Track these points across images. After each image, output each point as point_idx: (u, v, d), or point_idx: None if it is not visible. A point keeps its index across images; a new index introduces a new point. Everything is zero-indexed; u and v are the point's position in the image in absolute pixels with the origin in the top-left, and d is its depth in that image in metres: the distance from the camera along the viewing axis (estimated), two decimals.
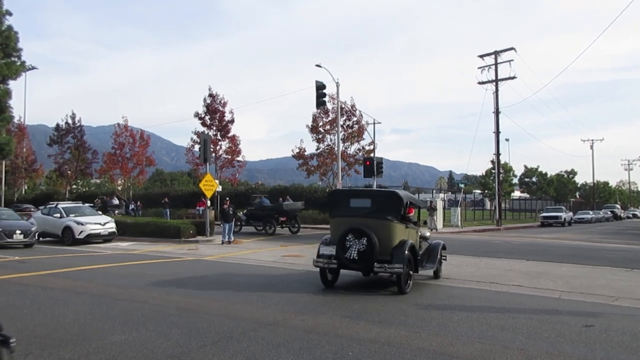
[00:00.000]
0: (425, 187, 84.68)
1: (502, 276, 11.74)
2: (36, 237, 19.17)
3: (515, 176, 66.10)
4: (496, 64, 37.86)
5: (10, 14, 32.76)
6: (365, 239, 9.50)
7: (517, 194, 73.60)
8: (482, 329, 6.76)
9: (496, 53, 37.87)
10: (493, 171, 45.39)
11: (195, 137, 39.23)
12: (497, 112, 37.80)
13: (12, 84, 32.62)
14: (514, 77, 37.27)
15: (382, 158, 31.86)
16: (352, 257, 9.53)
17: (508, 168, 56.50)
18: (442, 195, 43.62)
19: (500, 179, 41.28)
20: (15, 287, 9.67)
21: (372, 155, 34.29)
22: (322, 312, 7.69)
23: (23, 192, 52.76)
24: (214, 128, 39.44)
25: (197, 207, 34.21)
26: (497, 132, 38.14)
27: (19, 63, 32.88)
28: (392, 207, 10.08)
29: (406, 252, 9.53)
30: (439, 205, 32.79)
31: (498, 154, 38.90)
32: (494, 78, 37.92)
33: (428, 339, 6.22)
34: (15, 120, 41.21)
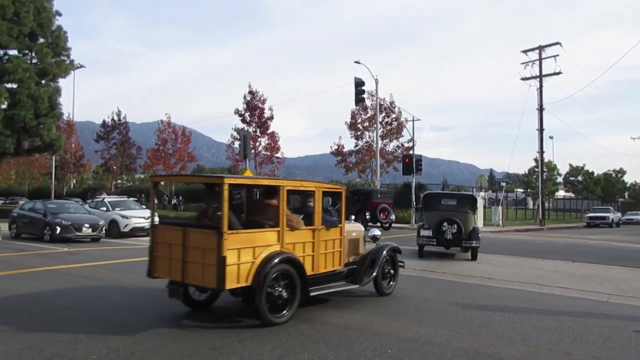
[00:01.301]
0: (465, 185, 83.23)
1: (546, 277, 11.44)
2: (103, 231, 19.37)
3: (560, 175, 64.13)
4: (540, 59, 36.80)
5: (60, 15, 34.00)
6: (456, 225, 14.17)
7: (561, 193, 71.41)
8: (525, 330, 6.60)
9: (540, 48, 36.80)
10: (536, 169, 44.18)
11: (235, 133, 39.84)
12: (541, 109, 36.76)
13: (61, 82, 33.89)
14: (559, 73, 36.16)
15: (421, 155, 31.48)
16: (448, 238, 14.21)
17: (552, 166, 54.89)
18: (482, 193, 42.80)
19: (544, 177, 40.17)
20: (65, 278, 10.07)
21: (411, 152, 33.95)
22: (359, 309, 7.68)
23: (72, 186, 54.79)
24: (254, 125, 39.94)
25: None
26: (541, 130, 37.11)
27: (68, 62, 34.12)
28: (471, 204, 15.46)
29: (478, 233, 14.52)
30: (480, 203, 32.16)
31: (542, 152, 37.84)
32: (538, 74, 36.88)
33: (468, 339, 6.13)
34: (65, 117, 42.82)
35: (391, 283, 8.88)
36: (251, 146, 31.48)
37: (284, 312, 6.68)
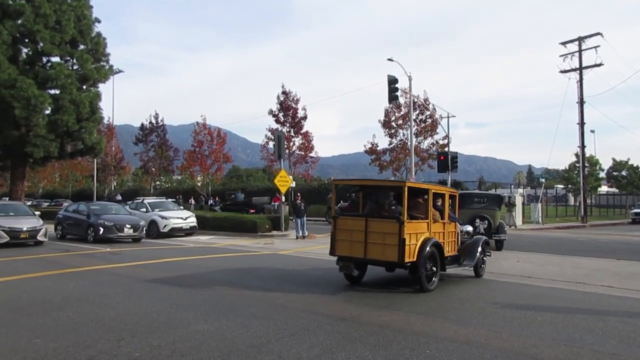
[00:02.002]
0: (503, 182, 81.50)
1: (589, 276, 11.10)
2: (144, 232, 19.81)
3: (602, 170, 61.89)
4: (580, 50, 35.69)
5: (99, 21, 35.01)
6: (486, 221, 16.52)
7: (604, 188, 69.01)
8: (569, 331, 6.43)
9: (580, 39, 35.69)
10: (577, 165, 42.88)
11: (269, 134, 40.18)
12: (581, 102, 35.67)
13: (101, 86, 34.91)
14: (600, 65, 34.99)
15: (456, 152, 31.01)
16: (480, 232, 15.17)
17: (594, 161, 53.08)
18: (521, 190, 41.89)
19: (585, 172, 38.95)
20: (108, 277, 10.37)
21: (446, 149, 33.49)
22: (397, 308, 7.63)
23: (112, 188, 56.37)
24: (287, 125, 40.18)
25: (272, 203, 35.02)
26: (582, 124, 36.01)
27: (107, 67, 35.09)
28: (497, 203, 18.04)
29: (505, 227, 16.96)
30: (518, 200, 31.49)
31: (583, 147, 36.71)
32: (577, 66, 35.79)
33: (509, 339, 6.01)
34: (105, 120, 44.06)
35: (482, 266, 10.98)
36: (285, 146, 31.71)
37: (433, 280, 9.15)
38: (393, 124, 37.58)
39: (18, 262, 12.82)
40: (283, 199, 23.79)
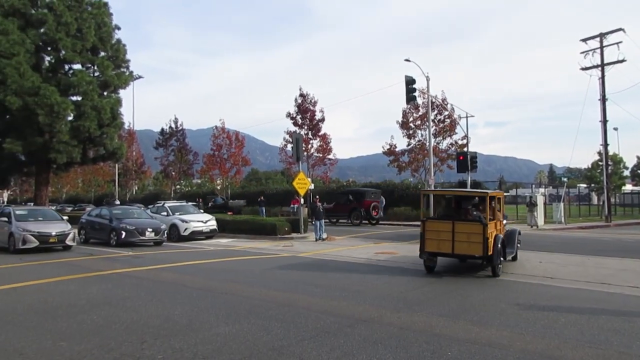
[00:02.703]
0: (524, 182, 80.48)
1: (614, 276, 10.89)
2: (165, 235, 19.82)
3: (627, 168, 60.70)
4: (602, 47, 35.04)
5: (118, 29, 35.56)
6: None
7: (629, 187, 67.65)
8: (593, 332, 6.32)
9: (602, 35, 35.05)
10: (600, 163, 42.10)
11: (287, 136, 40.31)
12: (603, 100, 35.02)
13: (121, 92, 35.45)
14: (623, 61, 34.28)
15: (475, 152, 30.68)
16: None
17: (618, 159, 52.07)
18: (542, 189, 41.30)
19: (609, 171, 38.21)
20: (131, 280, 10.51)
21: (465, 149, 33.16)
22: (418, 310, 7.59)
23: (134, 192, 57.13)
24: (305, 127, 40.24)
25: (291, 205, 35.10)
26: (604, 121, 35.33)
27: (127, 73, 35.61)
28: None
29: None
30: (539, 200, 31.01)
31: (606, 145, 36.03)
32: (599, 63, 35.12)
33: (532, 341, 5.93)
34: (126, 126, 44.76)
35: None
36: (303, 148, 31.75)
37: (500, 267, 11.08)
38: (411, 124, 37.36)
39: (44, 267, 13.08)
40: (302, 201, 23.83)
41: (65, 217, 19.74)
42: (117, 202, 42.61)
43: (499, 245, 10.98)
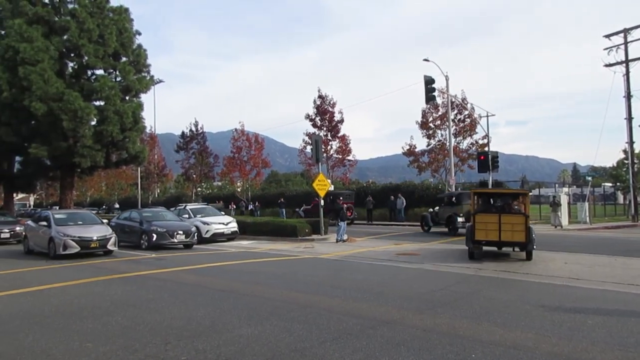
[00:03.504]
0: (546, 182, 79.21)
1: None
2: (195, 238, 19.62)
3: None
4: (626, 42, 34.31)
5: (139, 34, 36.05)
6: None
7: None
8: (623, 335, 6.17)
9: (626, 31, 34.33)
10: (626, 161, 41.22)
11: (306, 138, 40.41)
12: (628, 96, 34.28)
13: (143, 97, 35.96)
14: None
15: (497, 152, 30.33)
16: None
17: None
18: (566, 189, 40.59)
19: (635, 169, 37.38)
20: (154, 282, 10.64)
21: (486, 149, 32.82)
22: (441, 311, 7.52)
23: (156, 195, 57.83)
24: (324, 128, 40.28)
25: (312, 205, 35.09)
26: (630, 118, 34.58)
27: (148, 78, 36.10)
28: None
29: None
30: (563, 200, 30.48)
31: (631, 142, 35.24)
32: (623, 59, 34.40)
33: (559, 343, 5.82)
34: (147, 130, 45.31)
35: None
36: (323, 150, 31.75)
37: (532, 254, 13.54)
38: (431, 124, 37.10)
39: (68, 269, 13.31)
40: (322, 202, 23.83)
41: (105, 221, 18.96)
42: (117, 205, 43.41)
43: (533, 235, 13.26)
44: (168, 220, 20.16)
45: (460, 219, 22.79)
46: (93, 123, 32.88)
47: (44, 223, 16.88)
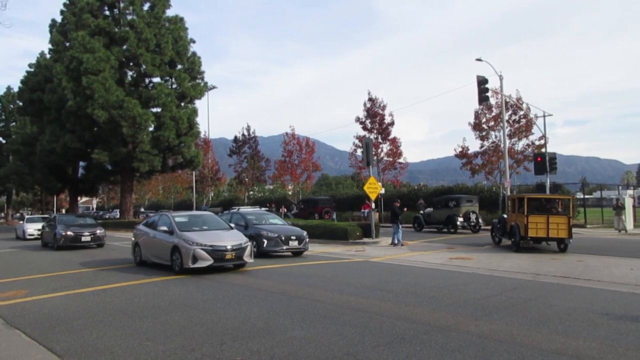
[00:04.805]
0: (609, 184, 75.65)
1: None
2: (307, 244, 17.24)
3: None
4: None
5: (194, 42, 37.16)
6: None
7: None
8: None
9: None
10: None
11: (357, 141, 40.33)
12: None
13: (197, 103, 37.06)
14: None
15: (554, 153, 29.20)
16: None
17: None
18: (630, 191, 38.58)
19: None
20: (209, 283, 10.90)
21: (543, 150, 31.66)
22: (497, 317, 7.31)
23: (210, 198, 59.29)
24: (375, 131, 40.09)
25: (362, 210, 35.01)
26: None
27: (202, 84, 37.15)
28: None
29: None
30: (628, 203, 28.95)
31: None
32: None
33: (626, 354, 5.53)
34: (202, 135, 46.58)
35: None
36: (373, 153, 31.59)
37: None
38: (484, 126, 36.19)
39: (129, 270, 13.83)
40: (373, 205, 23.70)
41: (232, 225, 15.03)
42: (142, 209, 44.82)
43: (571, 232, 16.82)
44: (275, 224, 17.91)
45: (459, 219, 27.43)
46: (151, 129, 34.13)
47: (164, 228, 13.61)
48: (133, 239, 15.62)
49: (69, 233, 21.50)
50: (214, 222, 14.60)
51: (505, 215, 20.19)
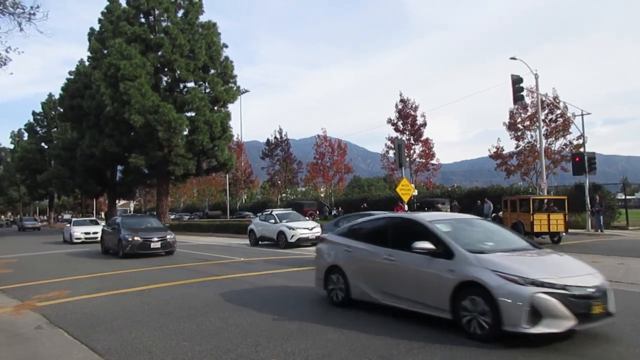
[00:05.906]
0: None
1: None
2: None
3: None
4: None
5: (226, 47, 37.70)
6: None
7: None
8: None
9: None
10: None
11: (389, 142, 40.19)
12: None
13: (230, 107, 37.54)
14: None
15: (593, 153, 28.40)
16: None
17: None
18: None
19: None
20: (244, 285, 11.03)
21: (581, 150, 30.82)
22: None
23: (243, 200, 59.99)
24: (407, 133, 39.86)
25: (395, 211, 34.76)
26: None
27: (235, 88, 37.63)
28: None
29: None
30: None
31: None
32: None
33: None
34: (234, 138, 47.18)
35: None
36: (405, 154, 31.37)
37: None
38: (519, 125, 35.51)
39: (164, 271, 14.14)
40: (406, 207, 23.52)
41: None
42: (154, 213, 46.01)
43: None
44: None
45: None
46: (185, 133, 34.78)
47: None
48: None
49: (136, 238, 18.36)
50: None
51: (500, 214, 23.83)
